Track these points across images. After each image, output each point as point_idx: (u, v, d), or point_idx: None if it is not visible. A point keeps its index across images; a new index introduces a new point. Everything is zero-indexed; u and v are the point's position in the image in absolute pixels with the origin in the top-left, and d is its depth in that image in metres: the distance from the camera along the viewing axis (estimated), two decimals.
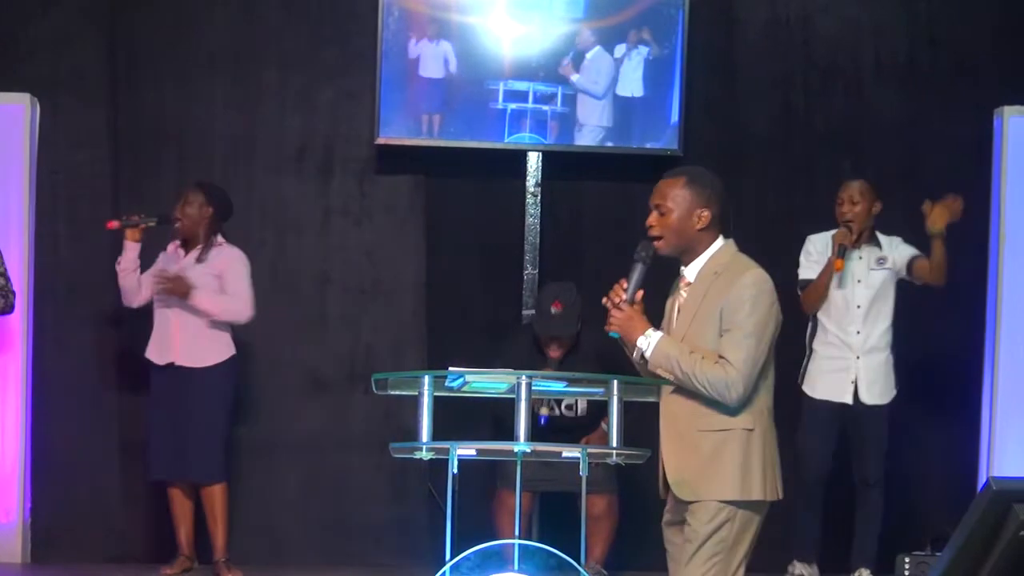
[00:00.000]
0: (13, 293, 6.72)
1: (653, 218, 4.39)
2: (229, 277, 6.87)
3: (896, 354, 6.91)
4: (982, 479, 7.30)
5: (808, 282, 6.86)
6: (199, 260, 6.86)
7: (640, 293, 4.35)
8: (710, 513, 4.23)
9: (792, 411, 6.93)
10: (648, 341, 4.28)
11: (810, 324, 6.93)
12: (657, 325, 4.40)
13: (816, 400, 6.87)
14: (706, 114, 7.84)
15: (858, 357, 6.82)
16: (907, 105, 7.92)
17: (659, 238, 4.39)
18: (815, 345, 6.91)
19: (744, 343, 4.22)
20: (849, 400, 6.81)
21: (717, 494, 4.20)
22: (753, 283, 4.29)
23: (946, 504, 7.27)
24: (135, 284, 6.89)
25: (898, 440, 7.04)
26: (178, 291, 6.73)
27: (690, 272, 4.42)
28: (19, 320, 7.20)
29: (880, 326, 6.85)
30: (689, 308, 4.35)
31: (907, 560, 6.85)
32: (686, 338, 4.31)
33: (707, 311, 4.29)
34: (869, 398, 6.83)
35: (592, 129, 7.61)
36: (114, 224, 6.92)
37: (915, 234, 6.89)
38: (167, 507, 6.97)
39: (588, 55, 7.61)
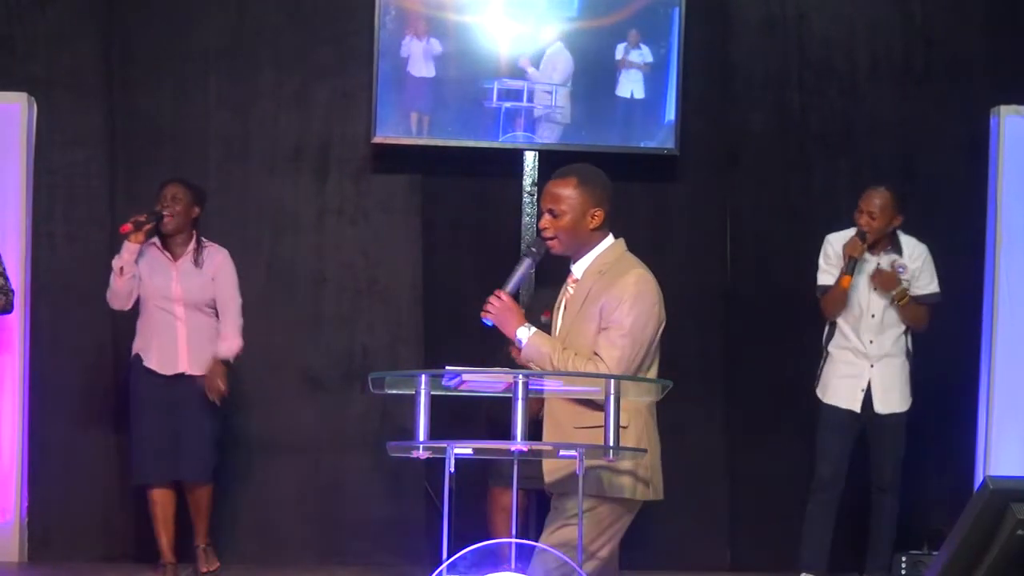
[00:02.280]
0: (12, 292, 6.69)
1: (547, 220, 4.41)
2: (221, 282, 6.79)
3: (913, 361, 6.87)
4: (979, 478, 7.30)
5: (826, 288, 6.76)
6: (196, 264, 6.79)
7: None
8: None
9: (810, 414, 6.96)
10: (524, 334, 4.29)
11: (827, 326, 6.85)
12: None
13: (828, 405, 6.79)
14: (701, 113, 7.85)
15: (872, 365, 6.74)
16: (902, 104, 7.92)
17: (553, 239, 4.40)
18: (831, 348, 6.81)
19: (619, 342, 4.25)
20: (857, 408, 6.72)
21: (585, 489, 4.14)
22: (635, 283, 4.34)
23: (943, 503, 7.28)
24: (130, 287, 6.73)
25: None
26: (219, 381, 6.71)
27: (577, 269, 4.44)
28: (16, 319, 7.20)
29: (893, 332, 6.76)
30: (573, 305, 4.38)
31: (904, 559, 6.85)
32: (569, 334, 4.34)
33: (589, 308, 4.32)
34: (884, 407, 6.73)
35: (554, 126, 7.59)
36: (128, 227, 6.68)
37: (914, 234, 6.88)
38: (150, 510, 6.85)
39: (548, 51, 7.60)
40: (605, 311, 4.29)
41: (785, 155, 7.92)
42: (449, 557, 3.74)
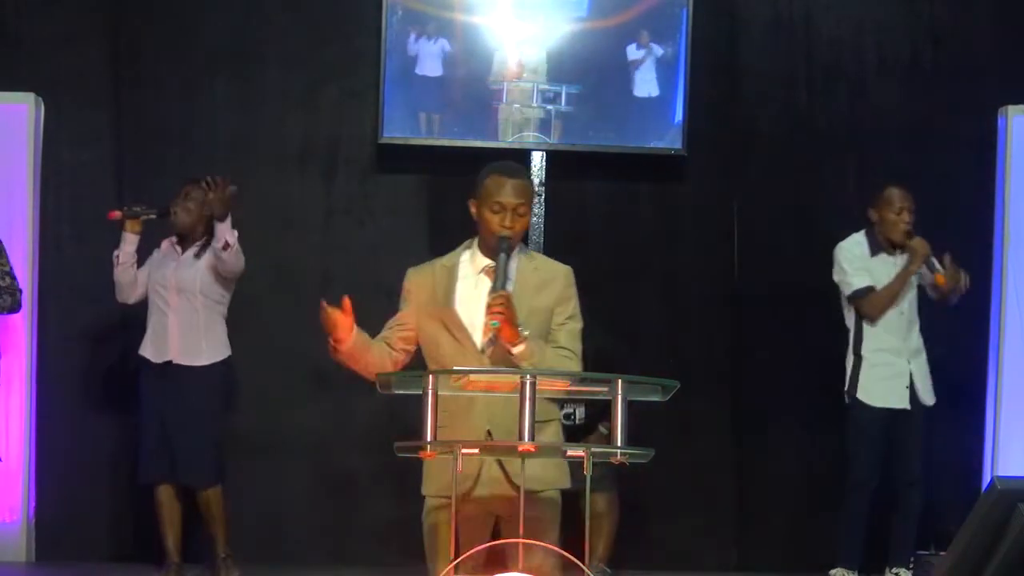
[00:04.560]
0: (20, 291, 6.70)
1: (514, 220, 4.39)
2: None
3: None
4: (987, 479, 7.30)
5: (868, 289, 6.76)
6: (197, 256, 6.82)
7: None
8: (554, 503, 4.39)
9: (831, 416, 6.95)
10: (524, 331, 4.26)
11: (853, 330, 6.84)
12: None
13: (874, 408, 6.77)
14: (709, 113, 7.84)
15: (909, 361, 6.79)
16: (910, 104, 7.91)
17: (511, 237, 4.40)
18: (864, 352, 6.81)
19: (579, 336, 4.44)
20: (907, 405, 6.77)
21: (554, 483, 4.31)
22: (572, 276, 4.49)
23: (951, 504, 7.27)
24: (132, 278, 6.79)
25: None
26: (220, 206, 6.62)
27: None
28: (23, 319, 7.21)
29: (916, 327, 6.86)
30: (521, 300, 4.31)
31: (912, 559, 6.85)
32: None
33: (539, 304, 4.36)
34: (927, 399, 6.83)
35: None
36: (116, 214, 6.79)
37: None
38: (155, 510, 6.84)
39: (556, 51, 7.62)
40: (560, 307, 4.41)
41: (793, 155, 7.92)
42: (456, 558, 3.74)
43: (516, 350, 4.23)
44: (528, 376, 3.72)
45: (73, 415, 7.46)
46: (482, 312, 4.31)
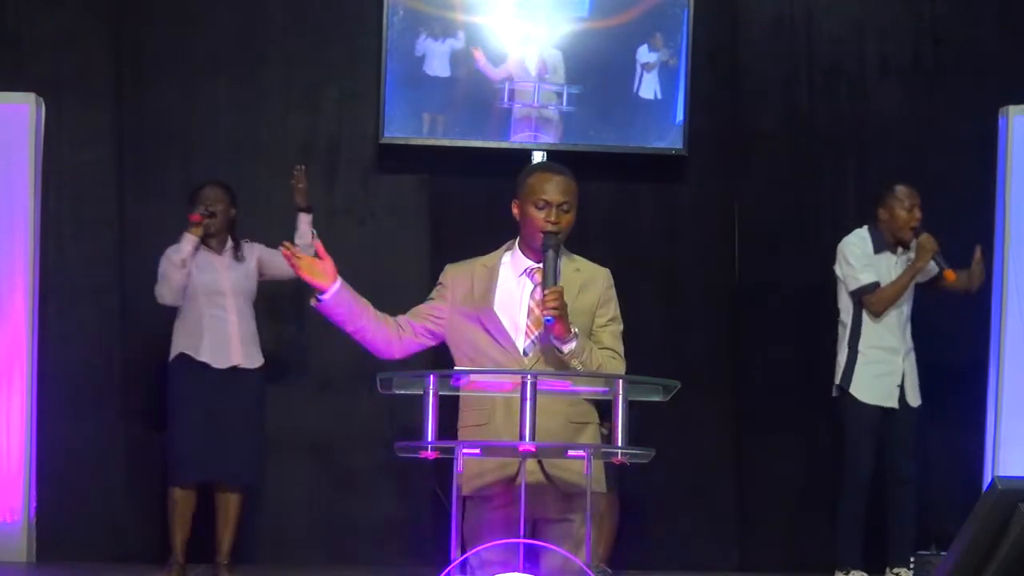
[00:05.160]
0: None
1: (559, 214, 4.35)
2: (269, 256, 6.88)
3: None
4: (987, 479, 7.29)
5: (875, 285, 6.76)
6: (237, 259, 6.89)
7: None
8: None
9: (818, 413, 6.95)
10: (574, 329, 4.24)
11: (850, 324, 6.84)
12: None
13: (865, 405, 6.78)
14: (710, 113, 7.84)
15: (902, 360, 6.80)
16: (911, 104, 7.92)
17: (557, 233, 4.34)
18: (860, 347, 6.81)
19: (621, 338, 4.41)
20: (895, 404, 6.78)
21: (596, 485, 4.23)
22: (611, 278, 4.49)
23: (952, 504, 7.27)
24: (186, 281, 6.76)
25: None
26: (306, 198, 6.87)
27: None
28: (24, 320, 7.21)
29: (910, 327, 6.87)
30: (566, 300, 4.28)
31: (913, 559, 6.84)
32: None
33: (583, 305, 4.32)
34: (913, 399, 6.83)
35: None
36: (198, 217, 6.77)
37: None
38: (167, 510, 6.89)
39: (557, 51, 7.64)
40: (602, 308, 4.38)
41: (794, 155, 7.92)
42: (457, 558, 3.74)
43: (567, 348, 4.20)
44: (529, 376, 3.73)
45: (74, 415, 7.46)
46: (523, 315, 4.32)
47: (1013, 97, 7.57)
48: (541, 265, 4.33)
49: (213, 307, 6.80)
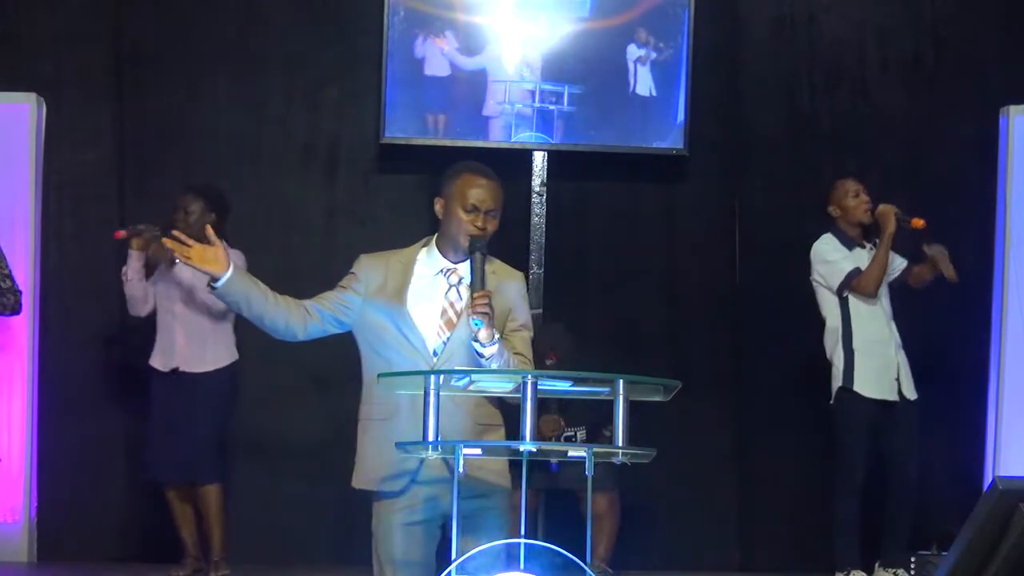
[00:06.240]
0: (19, 292, 6.70)
1: (486, 220, 4.33)
2: (238, 262, 6.85)
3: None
4: (988, 479, 7.30)
5: (858, 270, 6.74)
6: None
7: None
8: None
9: (819, 412, 6.94)
10: (496, 333, 4.21)
11: (840, 325, 6.81)
12: None
13: (868, 400, 6.74)
14: (711, 114, 7.85)
15: (894, 352, 6.79)
16: (912, 104, 7.92)
17: (482, 239, 4.32)
18: (856, 345, 6.77)
19: (530, 341, 4.39)
20: (895, 396, 6.76)
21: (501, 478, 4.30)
22: (525, 283, 4.47)
23: (952, 504, 7.27)
24: (142, 292, 6.84)
25: None
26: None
27: (465, 268, 4.37)
28: (25, 321, 7.21)
29: (895, 322, 6.84)
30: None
31: (913, 559, 6.84)
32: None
33: (497, 308, 4.22)
34: (909, 392, 6.80)
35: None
36: (121, 234, 6.85)
37: (918, 234, 6.87)
38: (168, 510, 6.94)
39: (558, 51, 7.63)
40: (513, 311, 4.35)
41: (795, 155, 7.92)
42: (458, 558, 3.74)
43: (488, 351, 4.16)
44: (529, 377, 3.73)
45: (74, 416, 7.46)
46: (437, 314, 4.30)
47: (1013, 97, 7.58)
48: (458, 266, 4.35)
49: (165, 313, 6.85)
